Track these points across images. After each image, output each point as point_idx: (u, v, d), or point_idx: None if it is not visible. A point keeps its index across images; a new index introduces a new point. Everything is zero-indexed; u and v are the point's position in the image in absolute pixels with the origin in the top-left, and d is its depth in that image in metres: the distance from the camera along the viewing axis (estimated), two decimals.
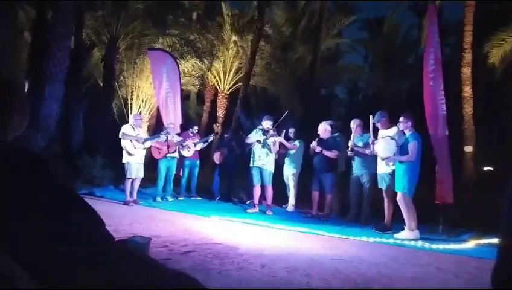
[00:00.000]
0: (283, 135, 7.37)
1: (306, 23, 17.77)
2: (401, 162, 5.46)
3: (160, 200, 7.75)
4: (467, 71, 11.62)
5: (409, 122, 5.52)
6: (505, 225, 1.04)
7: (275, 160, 7.36)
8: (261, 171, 7.15)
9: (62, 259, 0.78)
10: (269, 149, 7.12)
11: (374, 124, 6.01)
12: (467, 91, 11.58)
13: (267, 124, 7.19)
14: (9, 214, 0.78)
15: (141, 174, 7.29)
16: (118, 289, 0.80)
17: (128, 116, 12.35)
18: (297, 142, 7.79)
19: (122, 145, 7.12)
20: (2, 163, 0.83)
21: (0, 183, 0.80)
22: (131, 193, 7.22)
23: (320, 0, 15.24)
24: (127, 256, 0.87)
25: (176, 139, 8.10)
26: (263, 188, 7.22)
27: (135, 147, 7.14)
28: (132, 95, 13.95)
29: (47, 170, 0.87)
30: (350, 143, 6.50)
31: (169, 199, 7.97)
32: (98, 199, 7.35)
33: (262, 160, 7.13)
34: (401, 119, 5.58)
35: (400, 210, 5.44)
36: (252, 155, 7.24)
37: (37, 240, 0.78)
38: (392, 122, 5.93)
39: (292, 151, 7.77)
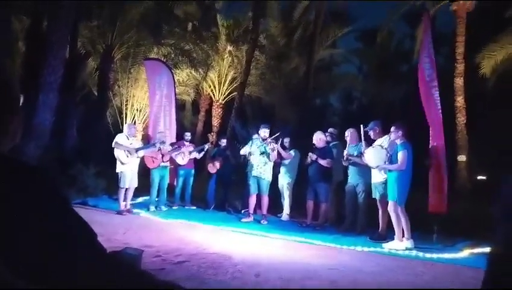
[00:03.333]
0: (279, 144, 7.40)
1: (301, 33, 17.91)
2: (391, 171, 5.49)
3: (154, 209, 7.70)
4: (459, 81, 11.75)
5: (400, 132, 5.54)
6: (496, 234, 1.04)
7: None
8: (258, 180, 7.14)
9: (52, 268, 0.77)
10: (268, 157, 7.12)
11: (366, 132, 6.05)
12: (460, 101, 11.69)
13: (264, 132, 7.22)
14: (5, 219, 0.77)
15: (135, 184, 7.25)
16: None
17: (122, 126, 12.28)
18: (292, 152, 7.80)
19: (116, 154, 7.09)
20: (1, 169, 0.82)
21: None
22: (124, 202, 7.17)
23: (317, 1, 15.34)
24: (119, 267, 0.86)
25: (168, 147, 8.09)
26: (259, 197, 7.20)
27: (128, 156, 7.11)
28: (127, 104, 13.92)
29: (46, 178, 0.86)
30: (345, 152, 6.54)
31: (163, 208, 7.91)
32: (91, 208, 7.28)
33: (260, 169, 7.11)
34: (392, 129, 5.61)
35: None
36: (249, 165, 7.24)
37: (26, 248, 0.77)
38: (385, 132, 5.97)
39: (287, 161, 7.76)
